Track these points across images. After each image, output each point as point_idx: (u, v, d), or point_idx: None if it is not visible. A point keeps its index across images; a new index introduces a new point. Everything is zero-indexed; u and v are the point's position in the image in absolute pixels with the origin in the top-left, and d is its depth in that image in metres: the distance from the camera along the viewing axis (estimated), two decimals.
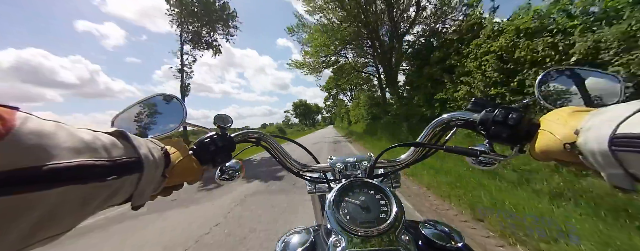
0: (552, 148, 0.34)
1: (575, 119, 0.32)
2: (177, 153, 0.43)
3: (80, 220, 0.26)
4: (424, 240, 0.45)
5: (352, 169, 0.60)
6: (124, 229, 2.88)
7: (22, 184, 0.19)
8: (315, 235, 0.48)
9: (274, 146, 0.62)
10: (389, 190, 0.48)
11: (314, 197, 0.77)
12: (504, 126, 0.41)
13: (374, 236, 0.40)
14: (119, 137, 0.31)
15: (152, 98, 0.54)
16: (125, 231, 2.82)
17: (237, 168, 0.63)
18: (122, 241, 2.53)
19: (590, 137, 0.28)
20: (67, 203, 0.23)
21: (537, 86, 0.50)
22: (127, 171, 0.29)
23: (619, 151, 0.25)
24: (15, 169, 0.19)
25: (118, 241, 2.55)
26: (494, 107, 0.44)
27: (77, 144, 0.24)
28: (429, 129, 0.57)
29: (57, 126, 0.24)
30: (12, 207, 0.19)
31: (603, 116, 0.28)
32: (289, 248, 0.45)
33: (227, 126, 0.53)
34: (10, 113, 0.20)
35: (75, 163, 0.23)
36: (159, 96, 0.55)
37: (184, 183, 0.46)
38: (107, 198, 0.28)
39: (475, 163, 0.57)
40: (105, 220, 3.21)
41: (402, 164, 0.63)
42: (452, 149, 0.53)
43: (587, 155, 0.29)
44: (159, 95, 0.55)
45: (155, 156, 0.35)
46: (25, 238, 0.21)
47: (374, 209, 0.45)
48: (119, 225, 3.03)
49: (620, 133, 0.25)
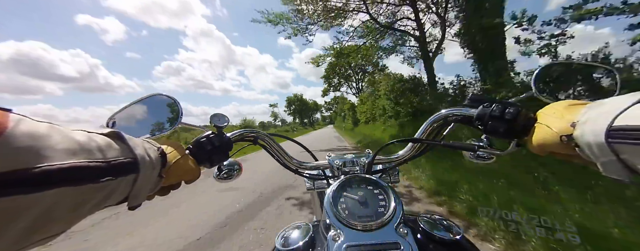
0: (549, 141, 0.34)
1: (572, 112, 0.33)
2: (174, 153, 0.43)
3: (76, 221, 0.26)
4: (423, 233, 0.45)
5: (351, 166, 0.60)
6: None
7: (16, 186, 0.19)
8: (314, 230, 0.48)
9: (271, 145, 0.63)
10: (388, 185, 0.48)
11: (313, 193, 0.77)
12: (501, 121, 0.41)
13: (372, 229, 0.41)
14: (114, 138, 0.30)
15: (148, 98, 0.54)
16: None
17: (235, 167, 0.63)
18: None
19: (587, 129, 0.28)
20: (61, 204, 0.23)
21: (534, 80, 0.50)
22: (123, 172, 0.29)
23: (616, 143, 0.25)
24: (9, 171, 0.19)
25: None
26: (491, 103, 0.44)
27: (71, 145, 0.24)
28: (426, 124, 0.57)
29: (51, 128, 0.24)
30: (6, 209, 0.19)
31: (600, 108, 0.29)
32: (288, 243, 0.45)
33: (224, 125, 0.53)
34: (3, 115, 0.20)
35: (69, 165, 0.23)
36: (155, 95, 0.54)
37: (181, 183, 0.45)
38: (102, 199, 0.28)
39: (473, 157, 0.58)
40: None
41: (400, 160, 0.63)
42: (449, 144, 0.53)
43: (584, 147, 0.29)
44: (155, 95, 0.55)
45: (151, 156, 0.34)
46: (20, 240, 0.21)
47: (372, 204, 0.45)
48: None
49: (616, 125, 0.25)
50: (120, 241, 2.33)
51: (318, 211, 0.79)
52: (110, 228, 2.67)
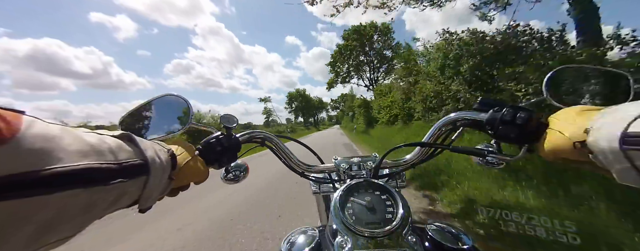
0: (562, 147, 0.33)
1: (585, 118, 0.32)
2: (184, 154, 0.43)
3: (88, 223, 0.26)
4: (431, 242, 0.44)
5: (357, 170, 0.60)
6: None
7: (28, 188, 0.19)
8: (320, 235, 0.48)
9: (278, 146, 0.63)
10: (395, 191, 0.47)
11: (318, 197, 0.76)
12: (512, 126, 0.41)
13: (380, 237, 0.40)
14: (125, 140, 0.31)
15: (159, 98, 0.55)
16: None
17: (242, 168, 0.64)
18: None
19: (601, 136, 0.28)
20: (73, 206, 0.23)
21: (546, 84, 0.48)
22: (134, 175, 0.29)
23: (630, 150, 0.25)
24: (22, 173, 0.19)
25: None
26: (502, 107, 0.43)
27: (82, 147, 0.24)
28: (435, 128, 0.56)
29: (63, 130, 0.24)
30: (19, 211, 0.19)
31: (614, 114, 0.28)
32: (294, 248, 0.45)
33: (233, 126, 0.54)
34: (16, 117, 0.20)
35: (81, 166, 0.23)
36: (165, 96, 0.55)
37: (190, 184, 0.46)
38: (113, 201, 0.28)
39: (482, 163, 0.57)
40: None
41: (407, 165, 0.62)
42: (458, 149, 0.53)
43: (598, 154, 0.28)
44: (166, 95, 0.55)
45: (162, 159, 0.35)
46: (31, 242, 0.21)
47: (379, 210, 0.44)
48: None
49: (631, 131, 0.25)
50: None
51: (323, 215, 0.79)
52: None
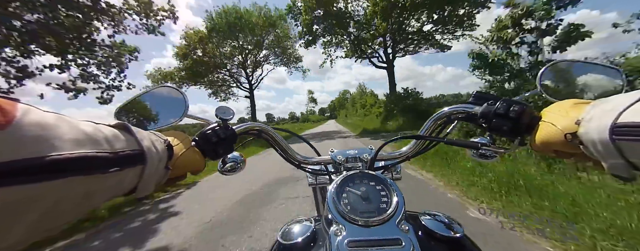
0: (553, 139, 0.34)
1: (577, 111, 0.33)
2: (180, 145, 0.43)
3: (85, 210, 0.27)
4: (424, 230, 0.45)
5: (353, 162, 0.60)
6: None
7: (25, 175, 0.19)
8: (316, 225, 0.48)
9: (275, 139, 0.63)
10: (390, 181, 0.48)
11: (315, 189, 0.77)
12: (506, 119, 0.41)
13: (374, 225, 0.41)
14: (121, 129, 0.31)
15: (154, 90, 0.55)
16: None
17: (239, 160, 0.64)
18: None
19: (591, 127, 0.28)
20: (71, 193, 0.23)
21: (539, 79, 0.49)
22: (130, 164, 0.29)
23: (620, 140, 0.25)
24: (18, 160, 0.19)
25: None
26: (496, 100, 0.44)
27: (79, 136, 0.24)
28: (430, 122, 0.57)
29: (59, 118, 0.24)
30: (17, 198, 0.19)
31: (604, 106, 0.29)
32: (290, 237, 0.46)
33: (229, 118, 0.54)
34: (11, 104, 0.20)
35: (77, 155, 0.23)
36: (161, 87, 0.55)
37: (187, 174, 0.46)
38: (111, 189, 0.28)
39: (476, 155, 0.58)
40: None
41: (403, 157, 0.63)
42: (453, 141, 0.54)
43: (588, 145, 0.29)
44: (162, 87, 0.55)
45: (158, 148, 0.35)
46: (31, 230, 0.21)
47: (374, 199, 0.45)
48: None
49: (620, 122, 0.25)
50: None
51: (320, 206, 0.80)
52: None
